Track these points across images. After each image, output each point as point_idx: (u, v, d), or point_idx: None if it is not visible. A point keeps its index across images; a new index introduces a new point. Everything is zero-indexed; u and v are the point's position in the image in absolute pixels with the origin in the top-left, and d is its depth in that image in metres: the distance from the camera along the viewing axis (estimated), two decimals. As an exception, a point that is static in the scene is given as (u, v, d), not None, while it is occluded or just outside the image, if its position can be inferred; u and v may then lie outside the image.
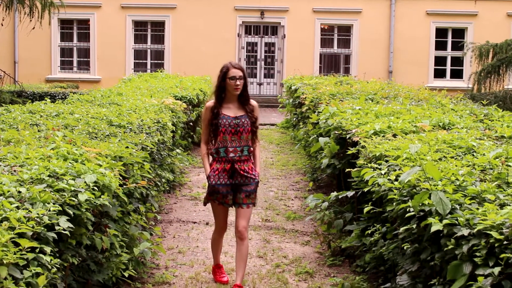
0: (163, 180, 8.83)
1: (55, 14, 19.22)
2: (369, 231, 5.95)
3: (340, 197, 7.00)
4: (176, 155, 10.39)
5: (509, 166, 4.82)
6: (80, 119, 7.63)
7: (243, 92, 5.85)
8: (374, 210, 5.66)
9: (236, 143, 5.82)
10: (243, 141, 5.85)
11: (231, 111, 5.86)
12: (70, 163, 4.95)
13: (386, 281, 5.57)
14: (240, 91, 5.82)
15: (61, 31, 26.48)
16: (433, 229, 3.94)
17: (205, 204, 6.07)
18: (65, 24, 26.43)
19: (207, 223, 8.26)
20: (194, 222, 8.41)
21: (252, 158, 5.96)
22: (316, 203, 7.40)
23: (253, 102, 5.96)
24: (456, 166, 4.94)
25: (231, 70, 5.76)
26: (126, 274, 5.62)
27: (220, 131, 5.81)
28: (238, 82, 5.76)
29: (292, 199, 9.78)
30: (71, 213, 4.13)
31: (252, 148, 5.93)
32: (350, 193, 6.66)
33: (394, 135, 6.70)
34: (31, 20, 18.36)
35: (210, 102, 5.93)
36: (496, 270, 3.40)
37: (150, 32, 26.59)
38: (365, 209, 5.75)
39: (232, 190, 5.87)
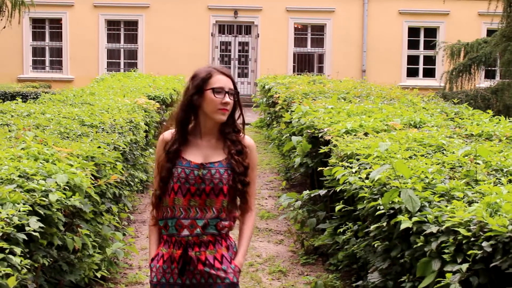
0: (136, 180, 8.80)
1: (26, 13, 19.04)
2: (342, 229, 5.99)
3: (313, 195, 7.03)
4: (150, 155, 10.35)
5: (478, 164, 4.89)
6: (52, 119, 7.57)
7: (229, 120, 3.32)
8: (346, 209, 5.70)
9: (195, 212, 3.26)
10: (209, 210, 3.26)
11: (198, 153, 3.31)
12: (40, 163, 4.91)
13: (358, 279, 5.61)
14: (227, 116, 3.30)
15: (32, 30, 26.22)
16: (403, 226, 3.99)
17: None
18: (37, 23, 26.17)
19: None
20: (168, 222, 8.38)
21: (225, 239, 3.33)
22: (290, 202, 7.43)
23: (248, 139, 3.39)
24: (426, 164, 4.99)
25: (215, 77, 3.27)
26: (98, 275, 5.60)
27: (170, 188, 3.29)
28: (227, 99, 3.24)
29: (266, 198, 9.80)
30: (42, 213, 4.11)
31: (224, 223, 3.30)
32: (322, 192, 6.68)
33: (366, 134, 6.74)
34: (1, 19, 18.20)
35: (168, 133, 3.38)
36: (464, 266, 3.45)
37: (123, 32, 26.44)
38: (337, 208, 5.78)
39: None
